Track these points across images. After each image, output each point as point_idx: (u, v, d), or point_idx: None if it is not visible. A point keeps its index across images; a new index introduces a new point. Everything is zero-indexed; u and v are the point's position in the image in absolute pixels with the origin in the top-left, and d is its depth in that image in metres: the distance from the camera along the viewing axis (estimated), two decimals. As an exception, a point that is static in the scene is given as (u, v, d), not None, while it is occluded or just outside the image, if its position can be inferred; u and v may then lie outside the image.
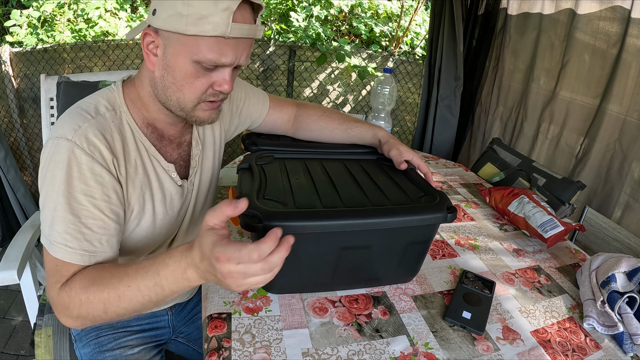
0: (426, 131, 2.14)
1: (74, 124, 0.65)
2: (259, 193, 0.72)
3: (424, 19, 3.47)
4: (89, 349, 0.88)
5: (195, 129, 0.85)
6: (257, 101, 1.01)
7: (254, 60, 2.75)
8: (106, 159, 0.66)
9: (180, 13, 0.61)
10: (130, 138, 0.72)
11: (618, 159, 1.43)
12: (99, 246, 0.66)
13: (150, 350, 0.92)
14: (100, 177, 0.65)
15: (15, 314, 1.77)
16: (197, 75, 0.67)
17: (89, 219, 0.65)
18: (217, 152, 0.93)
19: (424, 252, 0.80)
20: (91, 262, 0.66)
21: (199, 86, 0.68)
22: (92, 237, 0.65)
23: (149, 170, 0.75)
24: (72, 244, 0.64)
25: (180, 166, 0.83)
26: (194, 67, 0.66)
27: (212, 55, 0.64)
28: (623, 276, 0.80)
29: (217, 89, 0.69)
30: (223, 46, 0.64)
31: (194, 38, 0.63)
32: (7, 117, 2.53)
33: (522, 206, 1.09)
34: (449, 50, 1.95)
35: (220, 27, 0.62)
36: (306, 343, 0.67)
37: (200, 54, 0.64)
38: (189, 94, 0.69)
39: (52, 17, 2.83)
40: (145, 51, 0.68)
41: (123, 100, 0.73)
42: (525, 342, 0.73)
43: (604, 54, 1.47)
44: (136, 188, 0.73)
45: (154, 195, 0.77)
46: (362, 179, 0.83)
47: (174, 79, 0.67)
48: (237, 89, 0.97)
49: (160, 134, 0.78)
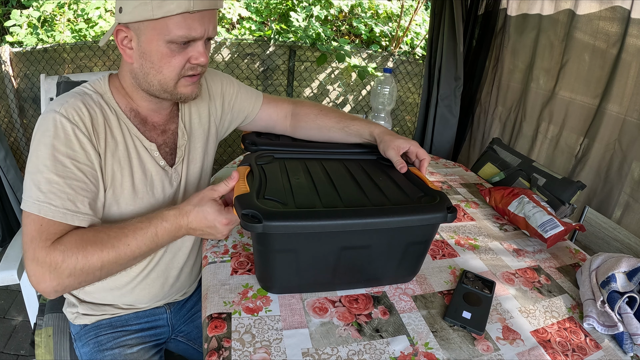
0: (426, 131, 2.14)
1: (62, 99, 0.72)
2: (259, 193, 0.72)
3: (424, 19, 3.47)
4: (88, 348, 0.88)
5: (181, 120, 0.88)
6: (249, 96, 1.02)
7: (254, 60, 2.75)
8: (88, 128, 0.71)
9: (144, 1, 0.66)
10: (113, 118, 0.77)
11: (617, 158, 1.43)
12: (82, 207, 0.70)
13: (149, 350, 0.92)
14: (84, 143, 0.71)
15: (15, 314, 1.77)
16: (173, 54, 0.72)
17: (73, 181, 0.69)
18: (207, 146, 0.95)
19: (424, 252, 0.80)
20: (75, 222, 0.69)
21: (176, 63, 0.73)
22: (75, 197, 0.69)
23: (130, 148, 0.79)
24: (55, 202, 0.67)
25: (166, 152, 0.86)
26: (168, 47, 0.70)
27: (182, 32, 0.69)
28: (623, 276, 0.80)
29: (194, 62, 0.74)
30: (190, 21, 0.69)
31: (162, 20, 0.68)
32: (7, 117, 2.53)
33: (522, 206, 1.09)
34: (449, 50, 1.95)
35: (183, 3, 0.67)
36: (306, 343, 0.67)
37: (171, 33, 0.69)
38: (168, 72, 0.73)
39: (52, 17, 2.83)
40: (121, 47, 0.73)
41: (108, 87, 0.79)
42: (525, 342, 0.73)
43: (603, 53, 1.47)
44: (115, 162, 0.77)
45: (133, 173, 0.80)
46: (362, 178, 0.83)
47: (152, 63, 0.72)
48: (228, 84, 0.99)
49: (144, 119, 0.82)
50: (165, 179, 0.85)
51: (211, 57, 2.66)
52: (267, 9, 3.27)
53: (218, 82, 0.97)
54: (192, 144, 0.91)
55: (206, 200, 0.73)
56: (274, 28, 3.02)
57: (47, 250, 0.65)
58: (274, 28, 3.02)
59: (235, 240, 0.91)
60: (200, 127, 0.92)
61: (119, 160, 0.77)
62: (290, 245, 0.69)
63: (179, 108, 0.89)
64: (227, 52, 2.70)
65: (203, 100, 0.93)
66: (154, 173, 0.83)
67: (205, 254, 0.86)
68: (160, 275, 0.91)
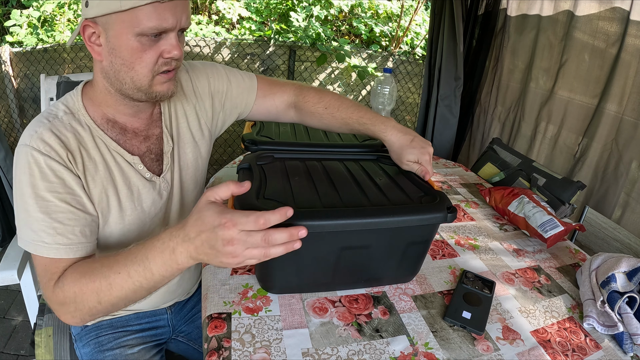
0: (426, 131, 2.14)
1: (31, 130, 0.68)
2: (258, 193, 0.72)
3: (424, 19, 3.47)
4: (89, 348, 0.88)
5: (164, 125, 0.83)
6: (241, 91, 0.94)
7: (254, 60, 2.75)
8: (61, 155, 0.68)
9: None
10: (88, 137, 0.73)
11: (614, 158, 1.43)
12: (74, 237, 0.68)
13: (150, 350, 0.92)
14: (60, 172, 0.67)
15: (15, 314, 1.77)
16: (144, 48, 0.67)
17: (58, 213, 0.67)
18: (199, 150, 0.90)
19: (424, 252, 0.80)
20: (69, 255, 0.67)
21: (148, 59, 0.68)
22: (64, 230, 0.67)
23: (111, 165, 0.75)
24: (47, 239, 0.66)
25: (151, 160, 0.81)
26: (139, 41, 0.66)
27: (152, 23, 0.64)
28: (623, 276, 0.80)
29: (167, 56, 0.69)
30: (161, 11, 0.64)
31: (131, 12, 0.63)
32: (7, 117, 2.53)
33: (522, 206, 1.09)
34: (449, 50, 1.95)
35: None
36: (306, 343, 0.67)
37: (140, 24, 0.64)
38: (141, 69, 0.68)
39: (52, 17, 2.83)
40: (88, 44, 0.68)
41: (81, 102, 0.74)
42: (525, 342, 0.73)
43: (603, 53, 1.47)
44: (97, 184, 0.73)
45: (119, 191, 0.76)
46: (362, 178, 0.83)
47: (123, 60, 0.67)
48: (217, 80, 0.91)
49: (123, 127, 0.77)
50: (153, 190, 0.80)
51: (211, 57, 2.66)
52: (267, 9, 3.27)
53: (204, 80, 0.90)
54: (182, 149, 0.86)
55: (203, 203, 0.58)
56: (274, 28, 3.02)
57: (52, 290, 0.66)
58: (274, 28, 3.02)
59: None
60: (189, 131, 0.87)
61: (101, 181, 0.73)
62: (290, 245, 0.68)
63: (161, 111, 0.83)
64: (227, 52, 2.70)
65: (189, 101, 0.87)
66: (140, 187, 0.78)
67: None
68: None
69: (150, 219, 0.82)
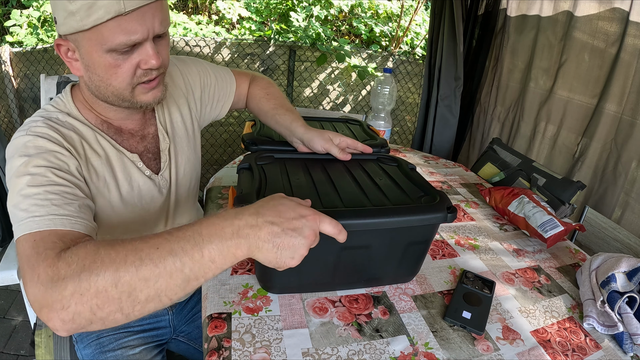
0: (426, 131, 2.14)
1: (26, 127, 0.65)
2: (259, 193, 0.72)
3: (424, 19, 3.47)
4: (90, 349, 0.88)
5: (159, 122, 0.82)
6: (225, 84, 0.97)
7: (254, 60, 2.75)
8: (61, 143, 0.65)
9: (71, 11, 0.58)
10: (89, 133, 0.70)
11: (613, 158, 1.43)
12: (73, 210, 0.58)
13: (151, 350, 0.92)
14: (58, 153, 0.63)
15: (15, 314, 1.77)
16: (118, 64, 0.63)
17: (54, 186, 0.59)
18: (195, 144, 0.91)
19: (424, 252, 0.80)
20: (66, 226, 0.55)
21: (124, 73, 0.65)
22: (61, 201, 0.58)
23: (113, 160, 0.73)
24: (38, 212, 0.55)
25: (149, 159, 0.80)
26: (111, 57, 0.62)
27: (120, 38, 0.60)
28: (623, 276, 0.80)
29: (145, 67, 0.65)
30: (125, 25, 0.60)
31: (95, 29, 0.60)
32: (7, 117, 2.53)
33: (522, 206, 1.09)
34: (449, 50, 1.95)
35: (112, 6, 0.58)
36: (306, 343, 0.67)
37: (107, 41, 0.60)
38: (118, 83, 0.66)
39: (52, 17, 2.83)
40: (66, 60, 0.66)
41: (73, 104, 0.72)
42: (525, 342, 0.73)
43: (602, 53, 1.47)
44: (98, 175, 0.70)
45: (120, 186, 0.75)
46: (362, 179, 0.83)
47: (99, 76, 0.65)
48: (205, 75, 0.93)
49: (118, 129, 0.76)
50: (154, 188, 0.81)
51: (211, 57, 2.66)
52: (267, 9, 3.27)
53: (195, 73, 0.90)
54: (179, 146, 0.85)
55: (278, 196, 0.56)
56: (274, 28, 3.02)
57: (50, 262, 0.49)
58: (274, 28, 3.02)
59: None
60: (183, 125, 0.86)
61: (103, 174, 0.71)
62: (291, 245, 0.68)
63: (155, 109, 0.82)
64: (227, 52, 2.70)
65: (181, 96, 0.87)
66: (141, 184, 0.78)
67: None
68: None
69: (150, 216, 0.82)
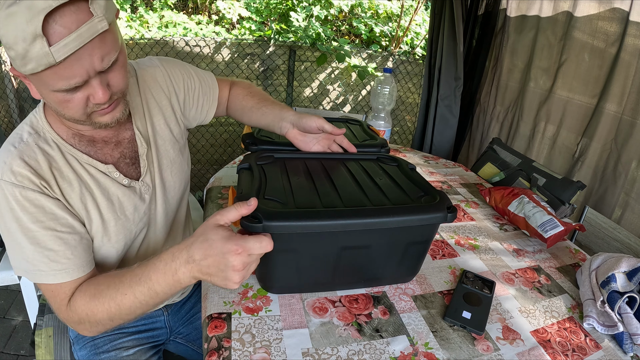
0: (426, 131, 2.14)
1: (1, 161, 0.65)
2: (259, 193, 0.72)
3: (424, 19, 3.47)
4: (85, 351, 0.88)
5: (135, 127, 0.79)
6: (209, 89, 0.95)
7: (254, 60, 2.75)
8: (35, 183, 0.65)
9: (10, 56, 0.57)
10: (58, 155, 0.70)
11: (613, 158, 1.43)
12: (67, 262, 0.68)
13: (146, 352, 0.92)
14: (37, 200, 0.66)
15: (15, 314, 1.77)
16: (67, 99, 0.62)
17: (47, 242, 0.66)
18: (179, 144, 0.88)
19: (424, 252, 0.80)
20: (66, 278, 0.68)
21: (75, 106, 0.63)
22: (56, 256, 0.67)
23: (86, 179, 0.72)
24: (42, 267, 0.66)
25: (127, 164, 0.78)
26: (60, 95, 0.61)
27: (60, 84, 0.58)
28: (623, 276, 0.80)
29: (94, 102, 0.63)
30: (62, 72, 0.57)
31: (34, 76, 0.58)
32: (7, 117, 2.53)
33: (522, 206, 1.09)
34: (449, 50, 1.95)
35: (42, 59, 0.54)
36: (306, 343, 0.67)
37: (49, 86, 0.59)
38: (72, 114, 0.64)
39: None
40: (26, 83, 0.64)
41: (45, 120, 0.71)
42: (525, 342, 0.73)
43: (602, 53, 1.47)
44: (75, 202, 0.71)
45: (98, 204, 0.73)
46: (362, 178, 0.83)
47: (54, 107, 0.65)
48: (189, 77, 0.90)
49: (91, 139, 0.74)
50: (134, 195, 0.78)
51: (211, 57, 2.66)
52: (267, 9, 3.27)
53: (179, 74, 0.88)
54: (162, 148, 0.83)
55: (210, 227, 0.59)
56: (274, 28, 3.02)
57: (66, 312, 0.69)
58: (274, 28, 3.02)
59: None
60: (167, 127, 0.84)
61: (79, 198, 0.71)
62: (291, 245, 0.69)
63: (131, 114, 0.79)
64: (227, 52, 2.70)
65: (164, 96, 0.84)
66: (120, 195, 0.76)
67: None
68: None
69: (135, 225, 0.80)
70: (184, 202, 0.96)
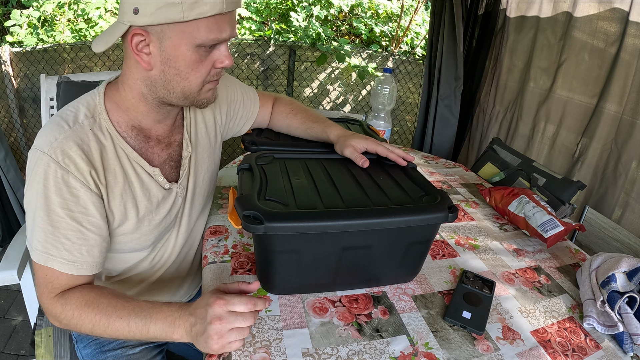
0: (426, 131, 2.14)
1: (51, 136, 0.65)
2: (259, 193, 0.72)
3: (424, 19, 3.47)
4: (90, 349, 0.88)
5: (186, 130, 0.82)
6: (250, 103, 1.00)
7: (254, 60, 2.75)
8: (82, 171, 0.65)
9: (172, 2, 0.60)
10: (110, 146, 0.70)
11: (614, 158, 1.43)
12: (79, 256, 0.68)
13: (151, 350, 0.92)
14: (76, 189, 0.65)
15: (15, 314, 1.77)
16: (201, 60, 0.67)
17: (68, 230, 0.66)
18: (214, 154, 0.91)
19: (425, 252, 0.81)
20: (72, 271, 0.67)
21: (203, 69, 0.68)
22: (72, 247, 0.67)
23: (131, 176, 0.73)
24: (52, 251, 0.66)
25: (171, 167, 0.81)
26: (197, 52, 0.66)
27: (213, 34, 0.64)
28: (623, 276, 0.80)
29: (220, 66, 0.70)
30: (221, 23, 0.65)
31: (193, 23, 0.62)
32: (7, 117, 2.53)
33: (522, 206, 1.09)
34: (449, 50, 1.95)
35: (216, 5, 0.62)
36: (306, 343, 0.67)
37: (202, 36, 0.64)
38: (195, 79, 0.69)
39: (52, 17, 2.83)
40: (135, 52, 0.65)
41: (103, 105, 0.71)
42: (525, 342, 0.73)
43: (602, 53, 1.47)
44: (116, 196, 0.72)
45: (138, 202, 0.75)
46: (363, 178, 0.83)
47: (178, 70, 0.67)
48: (233, 91, 0.95)
49: (147, 135, 0.76)
50: (171, 198, 0.81)
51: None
52: (267, 9, 3.27)
53: (223, 87, 0.92)
54: (200, 155, 0.86)
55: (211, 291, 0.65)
56: (274, 28, 3.01)
57: (50, 300, 0.68)
58: (274, 28, 3.01)
59: (235, 240, 0.91)
60: (207, 136, 0.88)
61: (120, 194, 0.72)
62: (292, 246, 0.69)
63: (184, 117, 0.83)
64: (227, 52, 2.70)
65: (209, 107, 0.87)
66: (160, 198, 0.78)
67: (205, 253, 0.86)
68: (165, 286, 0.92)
69: (165, 227, 0.82)
70: (205, 211, 0.96)
